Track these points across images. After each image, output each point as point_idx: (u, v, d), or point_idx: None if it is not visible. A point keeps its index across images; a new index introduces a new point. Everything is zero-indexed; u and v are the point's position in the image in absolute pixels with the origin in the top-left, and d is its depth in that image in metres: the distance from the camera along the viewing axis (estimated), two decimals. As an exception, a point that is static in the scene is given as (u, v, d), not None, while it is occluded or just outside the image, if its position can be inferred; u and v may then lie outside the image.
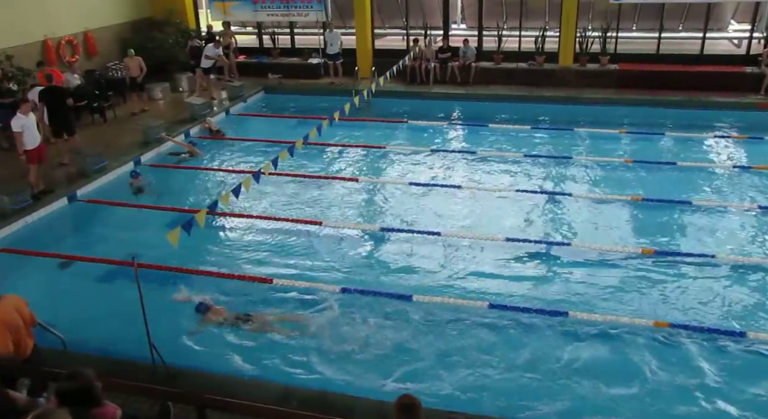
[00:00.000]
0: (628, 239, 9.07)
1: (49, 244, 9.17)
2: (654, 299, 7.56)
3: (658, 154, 12.24)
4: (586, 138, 13.39)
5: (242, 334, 7.05)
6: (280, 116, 15.45)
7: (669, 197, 10.11)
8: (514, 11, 18.09)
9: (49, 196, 10.33)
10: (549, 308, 7.33)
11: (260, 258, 8.73)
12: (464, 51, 16.76)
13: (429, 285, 7.95)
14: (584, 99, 15.44)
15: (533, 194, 10.48)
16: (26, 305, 5.56)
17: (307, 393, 5.85)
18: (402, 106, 15.60)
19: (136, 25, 17.74)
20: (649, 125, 13.83)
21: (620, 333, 6.89)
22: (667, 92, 15.28)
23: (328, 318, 7.27)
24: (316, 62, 17.93)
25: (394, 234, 9.23)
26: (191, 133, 13.84)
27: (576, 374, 6.32)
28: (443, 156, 12.55)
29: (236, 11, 18.16)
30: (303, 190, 11.01)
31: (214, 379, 6.06)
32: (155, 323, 6.04)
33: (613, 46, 16.76)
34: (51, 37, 14.87)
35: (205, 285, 7.99)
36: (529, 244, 8.82)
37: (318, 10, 17.40)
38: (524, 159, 12.13)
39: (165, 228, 8.74)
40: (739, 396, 5.97)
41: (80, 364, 5.56)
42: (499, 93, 16.03)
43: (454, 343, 6.86)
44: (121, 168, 11.69)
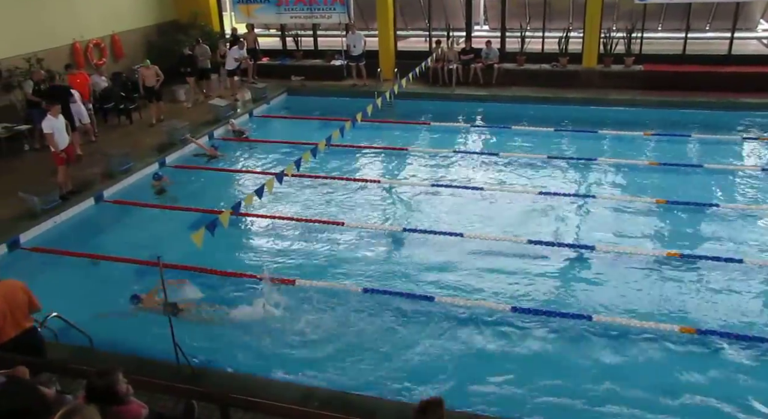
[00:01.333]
0: (652, 243, 8.96)
1: (77, 243, 9.33)
2: (680, 303, 7.45)
3: (684, 156, 12.07)
4: (611, 140, 13.26)
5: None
6: (303, 117, 15.54)
7: (695, 200, 9.97)
8: (537, 12, 17.96)
9: (77, 196, 10.52)
10: (572, 311, 7.27)
11: (283, 259, 8.79)
12: (487, 52, 16.70)
13: (451, 287, 7.93)
14: (608, 101, 15.28)
15: (556, 197, 10.39)
16: (22, 289, 5.65)
17: (328, 393, 5.87)
18: (424, 107, 15.59)
19: (162, 27, 17.99)
20: (674, 126, 13.64)
21: (645, 338, 6.80)
22: (694, 93, 15.05)
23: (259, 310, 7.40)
24: (338, 64, 17.99)
25: (417, 235, 9.23)
26: (215, 134, 13.99)
27: (600, 378, 6.25)
28: (465, 158, 12.51)
29: (260, 14, 18.30)
30: (325, 191, 11.06)
31: (236, 378, 6.12)
32: (179, 322, 6.12)
33: (638, 46, 16.56)
34: (79, 40, 15.15)
35: (226, 285, 8.07)
36: (552, 246, 8.76)
37: (341, 12, 17.46)
38: (547, 161, 12.04)
39: (189, 229, 8.89)
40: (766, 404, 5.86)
41: (107, 362, 5.69)
42: (522, 95, 15.94)
43: (476, 345, 6.83)
44: (146, 169, 11.86)
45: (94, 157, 12.28)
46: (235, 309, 7.51)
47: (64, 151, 10.25)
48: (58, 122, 10.15)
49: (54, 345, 6.58)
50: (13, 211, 9.92)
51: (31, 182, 10.60)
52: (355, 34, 16.97)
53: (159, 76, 14.39)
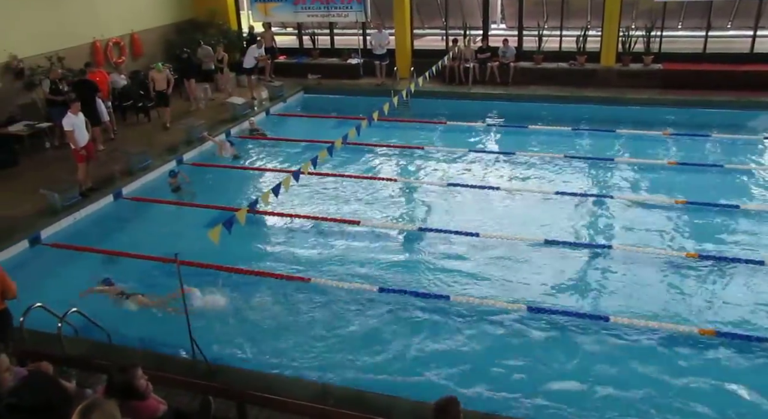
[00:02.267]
0: (671, 243, 8.86)
1: (96, 240, 9.43)
2: (699, 305, 7.37)
3: (703, 156, 11.94)
4: (629, 140, 13.14)
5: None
6: (320, 116, 15.58)
7: (715, 201, 9.85)
8: (555, 10, 17.85)
9: (96, 193, 10.64)
10: (589, 312, 7.22)
11: (299, 257, 8.82)
12: (504, 51, 16.62)
13: (466, 286, 7.91)
14: (627, 100, 15.15)
15: (573, 196, 10.33)
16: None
17: (344, 391, 5.88)
18: (441, 106, 15.56)
19: (180, 26, 18.11)
20: (694, 126, 13.50)
21: (664, 340, 6.74)
22: (714, 92, 14.87)
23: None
24: (355, 62, 18.02)
25: (432, 234, 9.22)
26: (232, 132, 14.07)
27: (617, 380, 6.20)
28: (482, 157, 12.47)
29: (277, 12, 18.37)
30: (341, 189, 11.08)
31: (252, 375, 6.14)
32: (196, 318, 6.17)
33: (658, 45, 16.39)
34: (99, 39, 15.31)
35: (242, 283, 8.12)
36: (569, 246, 8.71)
37: (358, 11, 17.47)
38: (565, 160, 11.97)
39: (206, 226, 8.94)
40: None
41: (125, 357, 5.76)
42: (539, 93, 15.85)
43: (492, 345, 6.81)
44: (164, 166, 11.95)
45: (113, 154, 12.44)
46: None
47: (84, 148, 10.39)
48: (78, 119, 10.28)
49: (74, 340, 6.67)
50: (35, 207, 10.06)
51: (53, 179, 10.73)
52: (382, 32, 16.95)
53: (170, 80, 14.22)
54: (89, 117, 12.11)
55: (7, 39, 12.88)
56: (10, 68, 13.06)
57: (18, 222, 9.61)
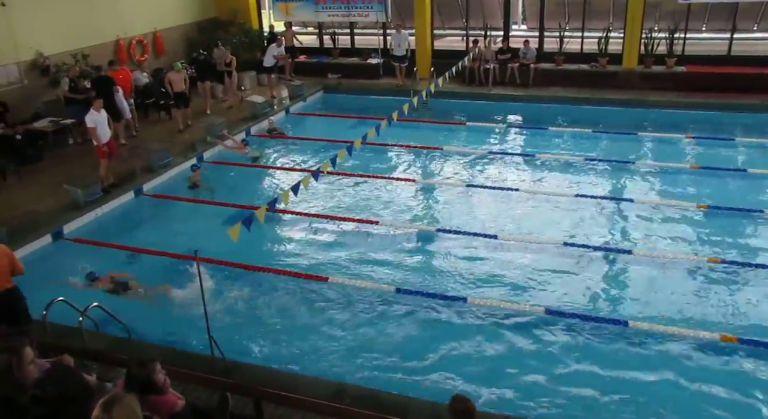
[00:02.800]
0: (692, 248, 8.76)
1: (117, 235, 9.55)
2: (721, 311, 7.27)
3: (727, 160, 11.75)
4: (650, 142, 13.00)
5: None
6: (339, 115, 15.61)
7: (738, 206, 9.70)
8: (576, 11, 17.69)
9: (118, 189, 10.77)
10: (608, 316, 7.16)
11: (317, 256, 8.86)
12: (524, 52, 16.52)
13: (484, 288, 7.88)
14: (649, 102, 14.98)
15: (593, 199, 10.24)
16: (5, 255, 6.45)
17: (360, 390, 5.89)
18: (460, 107, 15.51)
19: (202, 25, 18.27)
20: (717, 129, 13.32)
21: (684, 346, 6.65)
22: (739, 95, 14.65)
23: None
24: (375, 62, 18.04)
25: (451, 236, 9.19)
26: (252, 131, 14.15)
27: (635, 386, 6.15)
28: (501, 159, 12.42)
29: (298, 11, 18.44)
30: (360, 189, 11.10)
31: (269, 373, 6.18)
32: (215, 316, 6.22)
33: (681, 47, 16.19)
34: (123, 37, 15.49)
35: (261, 281, 8.17)
36: (588, 250, 8.63)
37: (378, 11, 17.48)
38: (585, 163, 11.87)
39: (225, 224, 9.02)
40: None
41: (144, 353, 5.82)
42: (560, 95, 15.73)
43: (509, 347, 6.78)
44: (185, 164, 12.06)
45: (134, 151, 12.58)
46: (177, 290, 7.85)
47: (106, 144, 10.53)
48: (101, 116, 10.44)
49: (94, 334, 6.76)
50: (58, 202, 10.21)
51: (76, 175, 10.87)
52: (401, 34, 16.97)
53: (187, 80, 14.03)
54: (108, 113, 12.37)
55: (34, 37, 13.10)
56: (37, 66, 13.28)
57: (42, 217, 9.78)
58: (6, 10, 12.50)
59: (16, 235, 9.05)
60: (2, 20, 12.49)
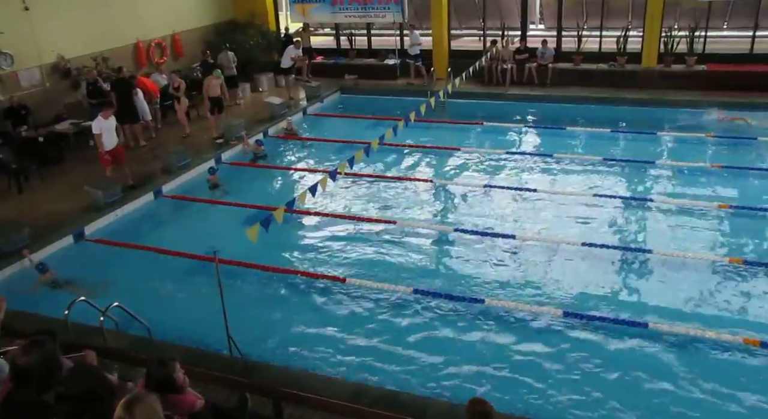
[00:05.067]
0: (714, 248, 8.64)
1: (137, 237, 9.65)
2: (743, 313, 7.17)
3: (748, 159, 11.58)
4: (670, 142, 12.86)
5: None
6: (356, 116, 15.63)
7: (761, 206, 9.56)
8: (595, 10, 17.56)
9: (137, 191, 10.88)
10: (627, 318, 7.08)
11: (334, 257, 8.87)
12: (542, 52, 16.43)
13: (502, 289, 7.85)
14: (669, 101, 14.81)
15: (612, 199, 10.14)
16: None
17: (378, 391, 5.88)
18: (478, 107, 15.44)
19: (219, 27, 18.39)
20: (739, 128, 13.12)
21: (706, 348, 6.57)
22: (761, 94, 14.43)
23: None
24: (392, 63, 18.05)
25: (468, 236, 9.16)
26: (270, 132, 14.23)
27: (656, 389, 6.08)
28: (519, 159, 12.35)
29: (315, 13, 18.51)
30: (378, 190, 11.11)
31: (288, 373, 6.19)
32: (234, 316, 6.26)
33: (701, 45, 15.99)
34: (142, 40, 15.66)
35: (279, 281, 8.20)
36: (608, 250, 8.55)
37: (395, 11, 17.49)
38: (603, 163, 11.76)
39: (243, 224, 9.07)
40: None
41: (165, 352, 5.87)
42: (578, 95, 15.61)
43: (527, 349, 6.73)
44: (203, 165, 12.15)
45: (154, 152, 12.71)
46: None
47: (109, 152, 10.68)
48: (107, 123, 10.62)
49: (115, 333, 6.84)
50: (80, 204, 10.35)
51: (96, 177, 11.00)
52: (413, 32, 16.97)
53: (224, 86, 13.97)
54: (127, 114, 12.57)
55: (55, 40, 13.30)
56: (58, 69, 13.47)
57: (64, 218, 9.91)
58: (28, 14, 12.69)
59: (38, 236, 9.20)
60: (25, 24, 12.69)
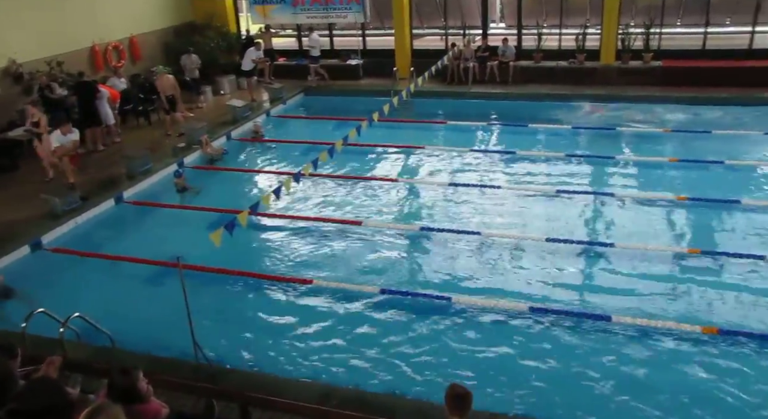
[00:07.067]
0: (673, 240, 8.87)
1: (98, 244, 9.44)
2: (702, 302, 7.35)
3: (704, 153, 11.88)
4: (630, 137, 13.13)
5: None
6: (320, 117, 15.58)
7: (716, 197, 9.83)
8: (554, 9, 17.85)
9: (96, 198, 10.63)
10: (591, 311, 7.20)
11: (300, 259, 8.82)
12: (503, 50, 16.62)
13: (468, 286, 7.90)
14: (627, 97, 15.14)
15: (574, 195, 10.32)
16: None
17: (347, 392, 5.87)
18: (441, 106, 15.56)
19: (178, 29, 18.12)
20: (695, 123, 13.50)
21: (666, 338, 6.71)
22: (715, 89, 14.86)
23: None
24: (355, 63, 18.04)
25: (434, 234, 9.21)
26: (233, 135, 14.08)
27: (618, 380, 6.18)
28: (483, 156, 12.47)
29: (276, 14, 18.38)
30: (343, 191, 11.09)
31: (255, 378, 6.14)
32: (199, 322, 6.17)
33: (657, 42, 16.37)
34: (99, 43, 15.32)
35: (245, 285, 8.12)
36: (571, 245, 8.69)
37: (357, 11, 17.49)
38: (565, 159, 11.96)
39: (208, 229, 8.94)
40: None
41: (128, 361, 5.75)
42: (539, 92, 15.84)
43: (494, 345, 6.79)
44: (165, 170, 11.96)
45: (113, 158, 12.46)
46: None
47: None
48: (66, 138, 10.83)
49: (76, 344, 6.67)
50: (36, 212, 10.06)
51: (53, 184, 10.74)
52: (312, 35, 17.30)
53: (176, 85, 13.98)
54: (89, 118, 12.42)
55: (7, 43, 12.92)
56: (9, 73, 13.08)
57: (19, 227, 9.62)
58: (-23, 17, 12.34)
59: (-6, 246, 8.93)
60: (-26, 28, 12.34)
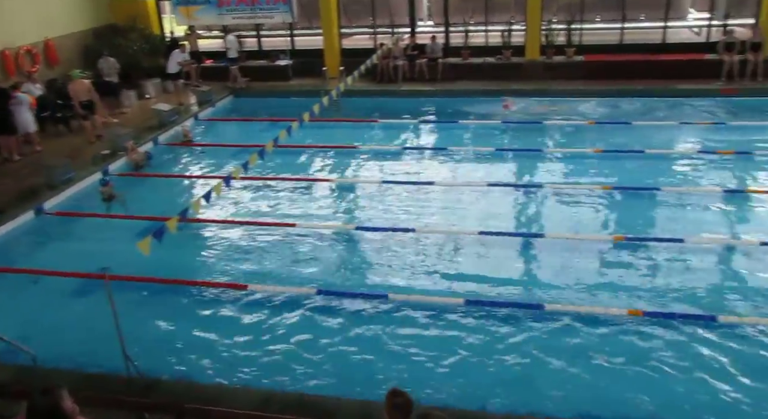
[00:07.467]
0: (600, 228, 9.20)
1: (17, 259, 8.98)
2: (627, 286, 7.64)
3: (626, 143, 12.39)
4: (556, 130, 13.54)
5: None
6: (250, 119, 15.33)
7: (638, 185, 10.27)
8: (479, 6, 18.20)
9: (15, 209, 10.10)
10: (525, 301, 7.38)
11: (235, 264, 8.65)
12: (431, 47, 16.82)
13: (404, 283, 7.95)
14: (552, 91, 15.61)
15: (506, 188, 10.56)
16: None
17: (287, 396, 5.81)
18: (372, 105, 15.60)
19: (98, 32, 17.42)
20: (616, 115, 14.07)
21: (596, 323, 6.93)
22: (633, 81, 15.52)
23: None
24: (284, 64, 17.85)
25: (369, 233, 9.21)
26: (160, 140, 13.67)
27: (552, 365, 6.35)
28: (415, 153, 12.61)
29: (201, 15, 17.97)
30: (276, 193, 10.95)
31: (191, 387, 5.98)
32: (130, 334, 5.96)
33: (579, 37, 16.95)
34: (10, 47, 14.53)
35: (180, 294, 7.90)
36: (504, 237, 8.88)
37: (284, 11, 17.31)
38: (495, 153, 12.22)
39: (137, 238, 8.63)
40: (706, 379, 6.06)
41: (52, 380, 5.49)
42: (468, 88, 16.12)
43: (430, 339, 6.85)
44: (89, 178, 11.48)
45: (32, 168, 11.87)
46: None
47: None
48: None
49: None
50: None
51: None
52: (228, 37, 17.17)
53: (92, 89, 13.39)
54: (3, 126, 11.80)
55: None
56: None
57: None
58: None
59: None
60: None
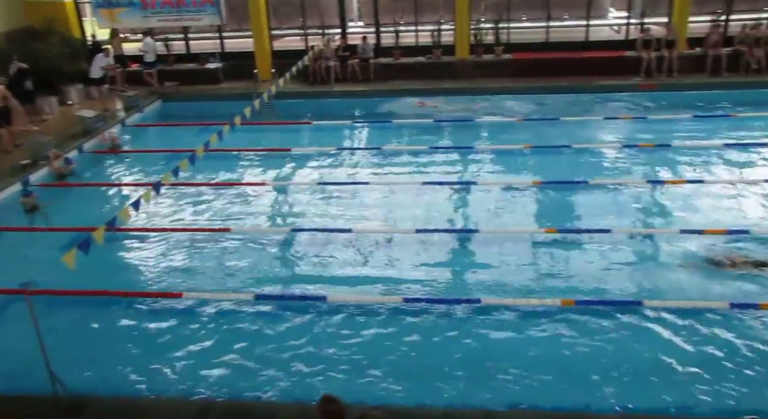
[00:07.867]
0: (531, 222, 9.46)
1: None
2: (560, 277, 7.89)
3: (553, 139, 12.79)
4: (487, 127, 13.84)
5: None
6: (180, 124, 14.97)
7: (566, 179, 10.62)
8: (409, 6, 18.38)
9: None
10: (462, 296, 7.50)
11: (168, 272, 8.42)
12: (363, 48, 16.88)
13: (343, 284, 7.95)
14: (483, 89, 15.94)
15: (440, 185, 10.71)
16: None
17: (225, 404, 5.73)
18: (305, 107, 15.52)
19: (12, 35, 16.53)
20: (543, 111, 14.51)
21: (532, 314, 7.12)
22: (558, 78, 16.03)
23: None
24: (214, 67, 17.51)
25: (306, 235, 9.17)
26: (86, 147, 13.16)
27: (490, 358, 6.47)
28: (349, 154, 12.62)
29: (124, 18, 17.39)
30: (209, 198, 10.74)
31: (123, 402, 5.80)
32: (56, 351, 5.72)
33: (506, 36, 17.37)
34: None
35: (106, 306, 7.63)
36: (440, 234, 9.01)
37: (212, 14, 16.97)
38: (429, 151, 12.38)
39: (62, 250, 8.28)
40: (639, 363, 6.33)
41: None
42: (400, 88, 16.27)
43: (372, 339, 6.87)
44: (8, 190, 10.94)
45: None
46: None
47: None
48: None
49: None
50: None
51: None
52: (146, 40, 16.94)
53: (6, 95, 12.68)
54: None
55: None
56: None
57: None
58: None
59: None
60: None
